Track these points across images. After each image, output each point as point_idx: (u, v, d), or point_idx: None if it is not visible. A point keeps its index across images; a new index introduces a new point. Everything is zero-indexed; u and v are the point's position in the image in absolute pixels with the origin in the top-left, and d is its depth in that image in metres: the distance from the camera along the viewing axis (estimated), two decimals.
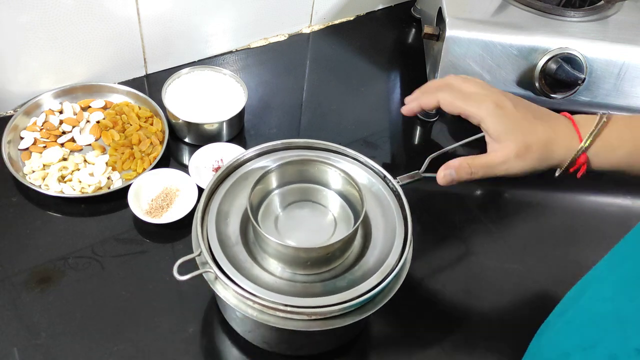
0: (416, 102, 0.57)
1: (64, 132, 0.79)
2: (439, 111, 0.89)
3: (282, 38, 1.00)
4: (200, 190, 0.71)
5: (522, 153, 0.51)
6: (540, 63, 0.76)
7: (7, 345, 0.59)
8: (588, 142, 0.51)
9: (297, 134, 0.86)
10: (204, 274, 0.52)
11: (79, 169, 0.74)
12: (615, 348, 0.34)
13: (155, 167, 0.75)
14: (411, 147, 0.88)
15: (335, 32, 1.03)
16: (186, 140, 0.81)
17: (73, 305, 0.63)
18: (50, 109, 0.81)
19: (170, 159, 0.79)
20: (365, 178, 0.61)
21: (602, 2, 0.84)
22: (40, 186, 0.71)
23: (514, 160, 0.52)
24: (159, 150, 0.77)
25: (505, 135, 0.51)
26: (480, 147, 0.85)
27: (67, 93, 0.82)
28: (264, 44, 0.99)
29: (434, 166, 0.62)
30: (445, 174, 0.54)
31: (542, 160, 0.52)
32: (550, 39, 0.76)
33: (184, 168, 0.76)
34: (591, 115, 0.54)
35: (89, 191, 0.72)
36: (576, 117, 0.54)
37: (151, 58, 0.88)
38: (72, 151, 0.77)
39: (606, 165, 0.53)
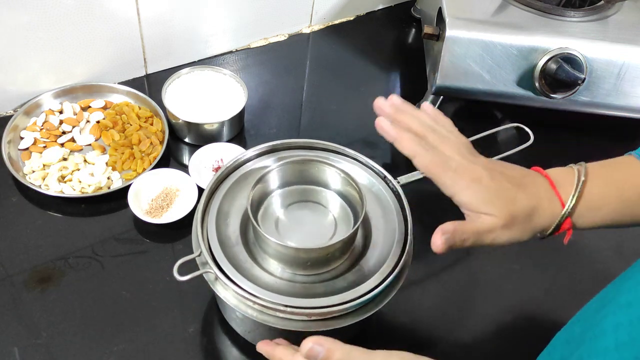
0: (388, 134, 0.52)
1: (64, 132, 0.79)
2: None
3: (282, 38, 1.00)
4: (200, 190, 0.71)
5: (509, 223, 0.49)
6: (540, 63, 0.76)
7: (8, 345, 0.59)
8: (571, 206, 0.50)
9: (297, 134, 0.86)
10: (204, 275, 0.52)
11: (79, 169, 0.74)
12: None
13: (155, 167, 0.75)
14: None
15: (335, 32, 1.03)
16: (186, 140, 0.81)
17: (73, 305, 0.63)
18: (50, 109, 0.81)
19: (170, 159, 0.79)
20: (365, 178, 0.61)
21: (602, 2, 0.84)
22: (40, 186, 0.71)
23: (500, 230, 0.49)
24: (159, 150, 0.77)
25: (485, 207, 0.48)
26: (480, 146, 0.85)
27: (67, 93, 0.82)
28: (264, 44, 0.99)
29: None
30: (443, 241, 0.49)
31: (527, 230, 0.50)
32: (550, 39, 0.76)
33: (184, 168, 0.76)
34: (566, 170, 0.52)
35: (89, 191, 0.72)
36: (552, 174, 0.52)
37: (151, 58, 0.88)
38: (72, 151, 0.77)
39: (592, 225, 0.51)
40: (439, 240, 0.49)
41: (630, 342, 0.35)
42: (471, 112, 0.93)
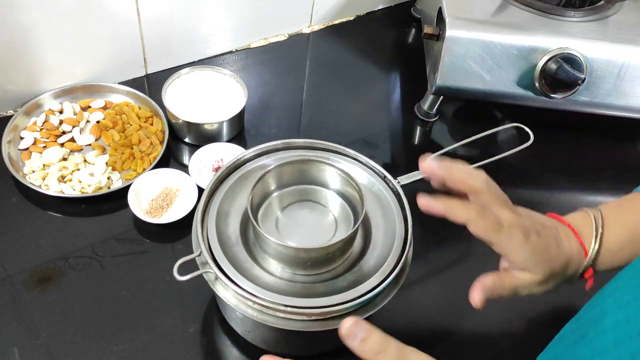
0: (435, 209, 0.49)
1: (64, 132, 0.79)
2: (439, 111, 0.89)
3: (282, 38, 1.00)
4: (200, 190, 0.71)
5: (547, 279, 0.51)
6: (540, 63, 0.76)
7: (8, 345, 0.59)
8: (593, 255, 0.51)
9: (297, 134, 0.86)
10: (204, 274, 0.52)
11: (79, 169, 0.74)
12: None
13: (155, 167, 0.75)
14: (411, 147, 0.88)
15: (335, 32, 1.04)
16: (186, 140, 0.81)
17: (73, 305, 0.63)
18: (50, 109, 0.81)
19: (170, 159, 0.79)
20: (365, 178, 0.61)
21: (602, 2, 0.84)
22: (40, 186, 0.71)
23: (537, 285, 0.51)
24: (159, 150, 0.77)
25: (534, 268, 0.50)
26: (480, 146, 0.85)
27: (67, 93, 0.82)
28: (264, 44, 0.99)
29: None
30: (481, 298, 0.49)
31: (558, 282, 0.52)
32: (550, 39, 0.76)
33: (184, 168, 0.76)
34: (583, 216, 0.53)
35: (89, 191, 0.72)
36: (574, 222, 0.52)
37: (151, 58, 0.88)
38: (72, 151, 0.77)
39: (610, 267, 0.52)
40: (477, 297, 0.49)
41: (627, 339, 0.35)
42: (471, 112, 0.93)
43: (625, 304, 0.37)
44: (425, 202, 0.48)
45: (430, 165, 0.49)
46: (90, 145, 0.78)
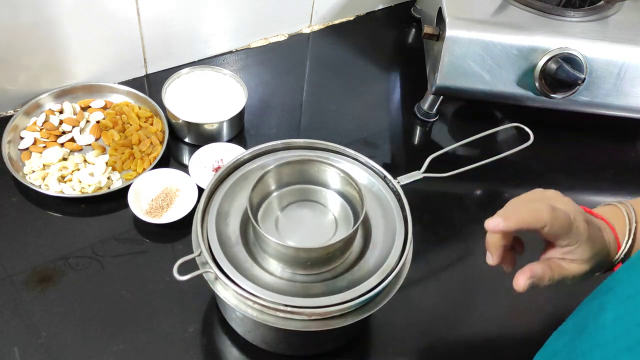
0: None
1: (64, 132, 0.79)
2: (439, 111, 0.89)
3: (282, 38, 1.00)
4: (200, 190, 0.71)
5: (593, 270, 0.50)
6: (540, 63, 0.76)
7: (8, 345, 0.59)
8: (625, 250, 0.51)
9: (297, 134, 0.86)
10: (204, 274, 0.52)
11: (79, 169, 0.74)
12: None
13: (155, 167, 0.75)
14: (411, 147, 0.88)
15: (335, 32, 1.04)
16: (186, 140, 0.81)
17: (73, 305, 0.63)
18: (50, 109, 0.81)
19: (170, 159, 0.79)
20: (365, 178, 0.61)
21: (602, 2, 0.84)
22: (40, 186, 0.71)
23: (582, 275, 0.50)
24: (159, 150, 0.77)
25: (588, 261, 0.49)
26: (480, 146, 0.85)
27: (67, 93, 0.82)
28: (264, 44, 0.99)
29: (434, 166, 0.62)
30: (527, 284, 0.49)
31: (595, 273, 0.52)
32: (550, 39, 0.76)
33: (184, 168, 0.76)
34: (614, 210, 0.53)
35: (89, 191, 0.72)
36: (606, 215, 0.52)
37: (151, 58, 0.88)
38: (72, 151, 0.77)
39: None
40: (522, 282, 0.49)
41: (625, 333, 0.35)
42: (471, 112, 0.93)
43: (625, 299, 0.37)
44: (492, 223, 0.48)
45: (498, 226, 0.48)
46: (90, 145, 0.78)
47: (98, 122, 0.80)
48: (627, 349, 0.34)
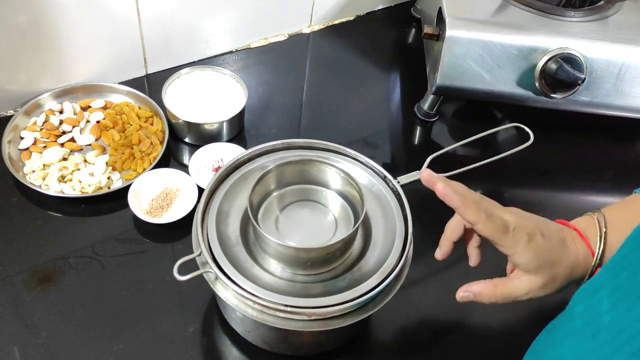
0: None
1: (64, 132, 0.79)
2: (439, 111, 0.89)
3: (282, 38, 1.00)
4: (200, 190, 0.71)
5: (548, 284, 0.52)
6: (540, 63, 0.76)
7: (8, 344, 0.59)
8: (599, 256, 0.52)
9: (297, 134, 0.86)
10: (204, 274, 0.52)
11: (79, 169, 0.74)
12: (610, 355, 0.35)
13: (155, 167, 0.75)
14: (411, 147, 0.88)
15: (335, 32, 1.03)
16: (186, 140, 0.81)
17: (73, 305, 0.63)
18: (50, 109, 0.81)
19: (170, 159, 0.79)
20: (365, 178, 0.61)
21: (602, 2, 0.84)
22: (40, 186, 0.71)
23: (538, 290, 0.52)
24: (159, 150, 0.77)
25: (535, 271, 0.51)
26: (480, 146, 0.85)
27: (67, 93, 0.82)
28: (264, 44, 0.99)
29: (434, 166, 0.62)
30: (463, 296, 0.54)
31: (564, 285, 0.53)
32: (550, 39, 0.76)
33: (184, 168, 0.76)
34: (587, 220, 0.54)
35: (89, 191, 0.72)
36: (579, 226, 0.54)
37: (151, 58, 0.88)
38: (72, 151, 0.77)
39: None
40: (459, 294, 0.54)
41: (590, 322, 0.38)
42: (471, 112, 0.93)
43: (591, 293, 0.39)
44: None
45: (429, 179, 0.50)
46: (90, 145, 0.78)
47: (98, 122, 0.80)
48: (592, 336, 0.37)
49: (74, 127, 0.79)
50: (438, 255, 0.59)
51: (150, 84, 0.89)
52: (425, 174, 0.50)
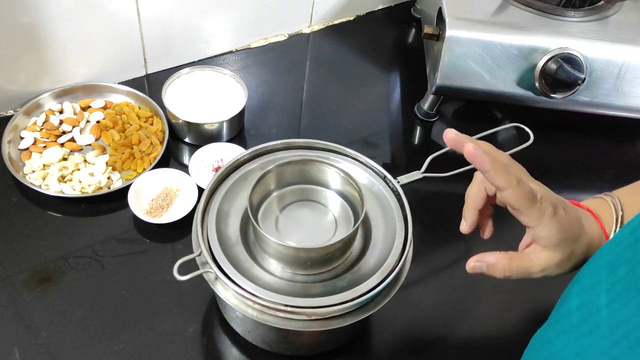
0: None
1: (64, 132, 0.79)
2: (439, 111, 0.89)
3: (282, 38, 1.00)
4: (200, 190, 0.71)
5: (564, 261, 0.49)
6: (540, 63, 0.76)
7: (8, 345, 0.59)
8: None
9: (297, 134, 0.86)
10: (204, 274, 0.52)
11: (79, 169, 0.74)
12: (608, 349, 0.35)
13: (155, 167, 0.75)
14: (411, 147, 0.88)
15: (335, 32, 1.04)
16: (186, 140, 0.81)
17: (73, 305, 0.63)
18: (50, 109, 0.81)
19: (170, 159, 0.79)
20: (365, 178, 0.61)
21: (602, 2, 0.84)
22: (40, 186, 0.71)
23: (554, 268, 0.49)
24: (159, 150, 0.77)
25: (556, 246, 0.48)
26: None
27: (67, 93, 0.82)
28: (264, 44, 0.99)
29: (434, 166, 0.62)
30: (475, 266, 0.50)
31: (578, 264, 0.50)
32: (550, 39, 0.76)
33: (184, 168, 0.76)
34: (600, 202, 0.53)
35: (89, 191, 0.72)
36: (592, 207, 0.52)
37: (151, 58, 0.88)
38: (72, 151, 0.77)
39: None
40: (470, 263, 0.50)
41: (587, 318, 0.37)
42: (471, 112, 0.93)
43: (588, 287, 0.38)
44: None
45: (455, 138, 0.47)
46: (90, 145, 0.78)
47: (98, 122, 0.80)
48: (589, 331, 0.36)
49: (74, 127, 0.79)
50: (464, 229, 0.53)
51: (150, 84, 0.89)
52: (451, 134, 0.47)
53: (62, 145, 0.77)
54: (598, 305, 0.36)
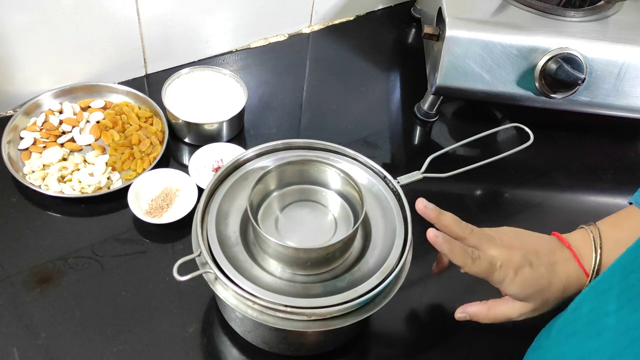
0: (441, 247, 0.53)
1: (63, 132, 0.79)
2: (439, 111, 0.89)
3: (282, 38, 1.00)
4: (200, 190, 0.71)
5: (540, 308, 0.55)
6: (540, 63, 0.76)
7: (7, 345, 0.59)
8: (593, 276, 0.55)
9: (297, 134, 0.86)
10: (204, 275, 0.52)
11: (78, 169, 0.74)
12: (614, 355, 0.35)
13: (155, 167, 0.75)
14: (411, 147, 0.88)
15: (335, 32, 1.03)
16: (186, 140, 0.81)
17: (73, 305, 0.63)
18: (50, 109, 0.81)
19: (170, 159, 0.79)
20: (365, 178, 0.61)
21: (602, 2, 0.84)
22: (40, 186, 0.71)
23: (530, 313, 0.56)
24: (159, 150, 0.77)
25: (526, 299, 0.54)
26: (480, 146, 0.85)
27: (67, 93, 0.82)
28: (264, 44, 0.99)
29: (434, 166, 0.62)
30: (460, 316, 0.58)
31: (558, 304, 0.55)
32: (550, 39, 0.76)
33: (184, 168, 0.76)
34: (582, 234, 0.57)
35: (89, 191, 0.72)
36: (574, 243, 0.56)
37: (151, 58, 0.88)
38: (72, 151, 0.77)
39: None
40: (457, 314, 0.58)
41: (596, 321, 0.39)
42: (471, 112, 0.93)
43: (600, 293, 0.40)
44: (435, 238, 0.52)
45: (423, 210, 0.54)
46: (90, 145, 0.78)
47: (98, 122, 0.80)
48: (596, 335, 0.38)
49: (73, 127, 0.79)
50: (434, 268, 0.62)
51: (150, 84, 0.89)
52: (420, 205, 0.54)
53: (61, 145, 0.77)
54: (607, 311, 0.38)
